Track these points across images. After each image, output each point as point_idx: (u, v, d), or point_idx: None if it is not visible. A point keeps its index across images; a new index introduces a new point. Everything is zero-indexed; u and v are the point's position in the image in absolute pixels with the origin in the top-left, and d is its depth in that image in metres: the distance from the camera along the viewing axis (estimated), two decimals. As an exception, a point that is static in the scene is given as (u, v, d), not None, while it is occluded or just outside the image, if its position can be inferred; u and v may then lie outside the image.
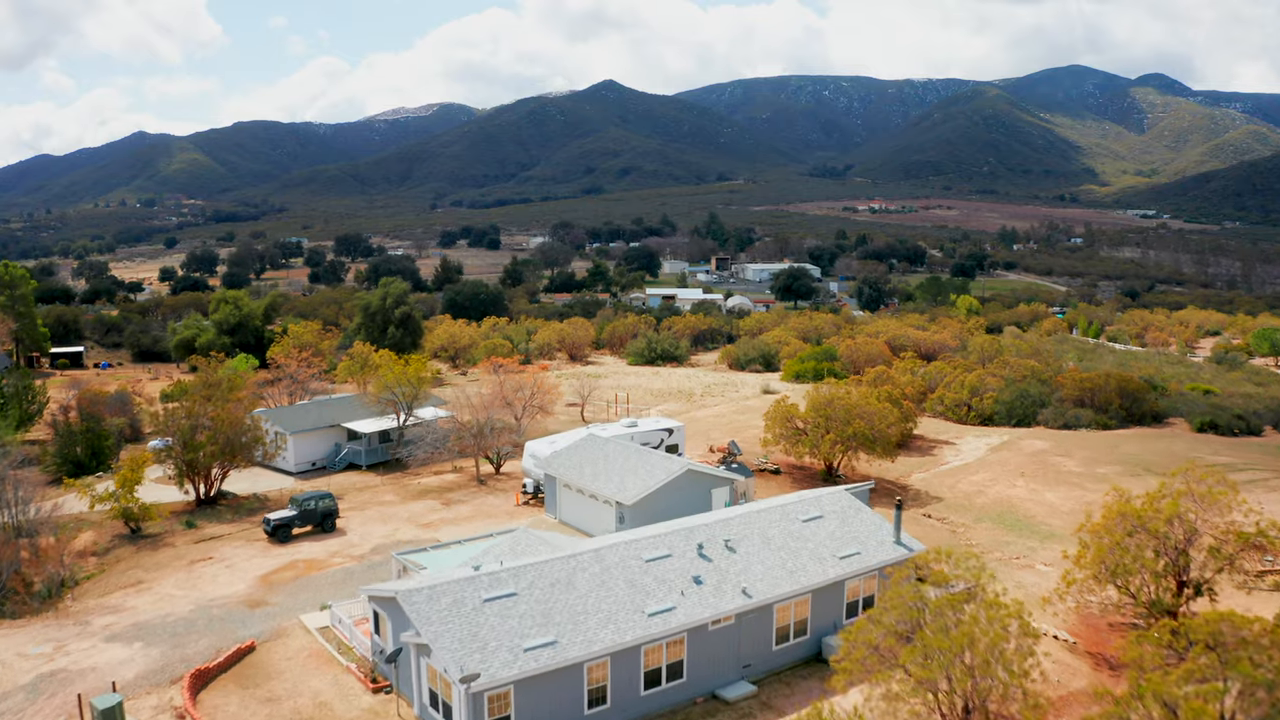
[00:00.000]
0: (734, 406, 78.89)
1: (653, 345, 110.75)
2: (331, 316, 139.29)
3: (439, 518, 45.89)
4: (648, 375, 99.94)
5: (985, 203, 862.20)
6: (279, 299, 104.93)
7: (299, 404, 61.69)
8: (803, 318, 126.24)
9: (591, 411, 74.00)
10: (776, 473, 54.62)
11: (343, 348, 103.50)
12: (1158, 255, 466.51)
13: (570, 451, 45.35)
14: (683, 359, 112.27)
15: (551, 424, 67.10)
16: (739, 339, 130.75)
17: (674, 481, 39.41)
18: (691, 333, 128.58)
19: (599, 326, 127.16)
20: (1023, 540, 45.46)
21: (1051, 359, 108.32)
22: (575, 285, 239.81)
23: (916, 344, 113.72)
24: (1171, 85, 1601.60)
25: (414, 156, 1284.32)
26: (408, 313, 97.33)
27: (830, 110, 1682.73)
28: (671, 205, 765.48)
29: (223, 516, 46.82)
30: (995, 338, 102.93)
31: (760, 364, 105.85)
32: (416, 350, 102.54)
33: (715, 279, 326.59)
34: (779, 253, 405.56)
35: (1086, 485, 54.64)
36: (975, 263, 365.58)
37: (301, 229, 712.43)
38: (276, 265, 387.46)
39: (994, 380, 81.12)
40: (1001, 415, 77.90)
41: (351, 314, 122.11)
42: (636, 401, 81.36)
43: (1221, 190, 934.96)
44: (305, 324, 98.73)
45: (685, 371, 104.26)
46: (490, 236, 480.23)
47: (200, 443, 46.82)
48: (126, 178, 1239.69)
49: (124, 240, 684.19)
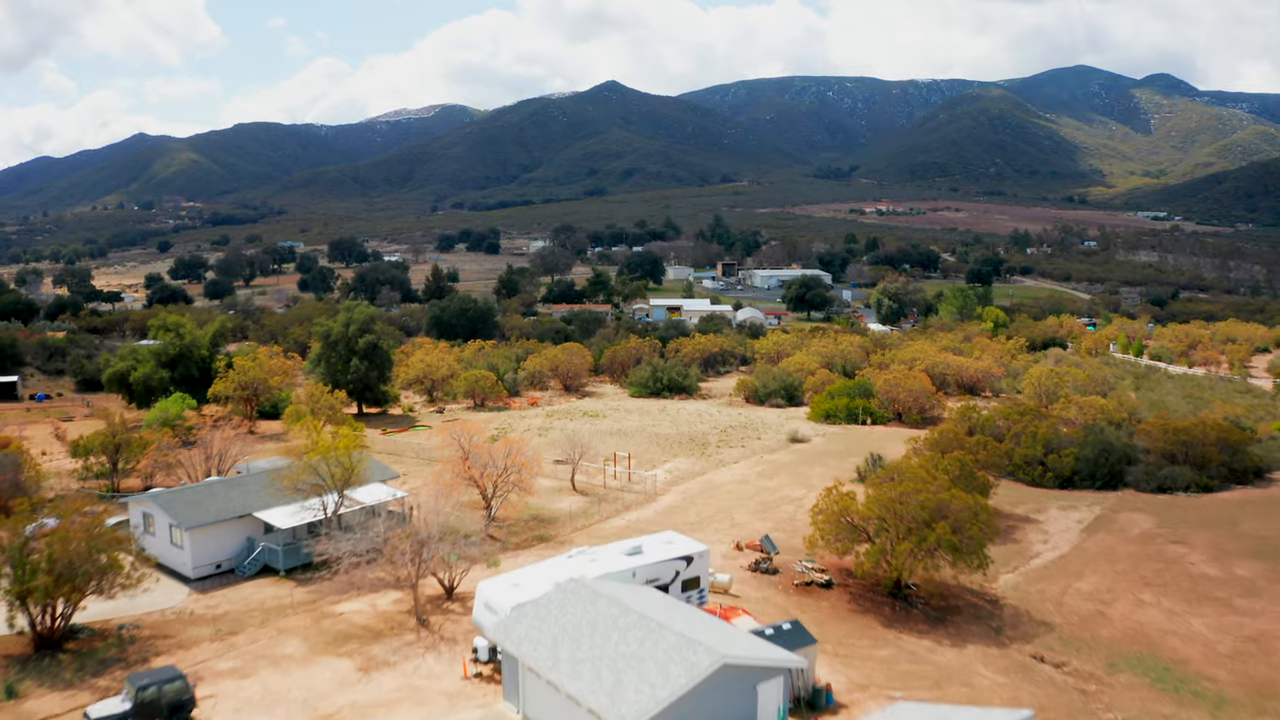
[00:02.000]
0: (758, 464, 65.36)
1: (658, 374, 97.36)
2: (303, 338, 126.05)
3: (347, 701, 31.53)
4: (653, 413, 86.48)
5: (994, 204, 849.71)
6: (228, 323, 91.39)
7: (204, 482, 48.34)
8: (826, 340, 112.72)
9: (584, 477, 60.47)
10: (828, 585, 41.15)
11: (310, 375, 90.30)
12: (1176, 259, 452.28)
13: (540, 613, 30.98)
14: (692, 390, 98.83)
15: (533, 499, 53.58)
16: (755, 362, 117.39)
17: (700, 687, 25.55)
18: (701, 357, 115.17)
19: (598, 350, 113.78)
20: (1189, 714, 32.04)
21: (1112, 390, 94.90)
22: (575, 295, 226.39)
23: (958, 373, 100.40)
24: (1177, 85, 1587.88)
25: (415, 158, 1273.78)
26: (374, 342, 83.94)
27: (834, 111, 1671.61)
28: (675, 207, 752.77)
29: (62, 674, 33.32)
30: (1054, 371, 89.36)
31: (782, 397, 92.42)
32: (386, 383, 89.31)
33: (722, 286, 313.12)
34: (787, 257, 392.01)
35: (1236, 603, 41.23)
36: (991, 268, 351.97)
37: (299, 232, 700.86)
38: (267, 271, 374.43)
39: (1069, 430, 67.51)
40: (1083, 475, 64.51)
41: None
42: (641, 455, 67.95)
43: (1233, 191, 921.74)
44: (257, 355, 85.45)
45: (696, 406, 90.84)
46: (489, 240, 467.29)
47: (35, 565, 33.56)
48: (126, 180, 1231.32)
49: (117, 244, 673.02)
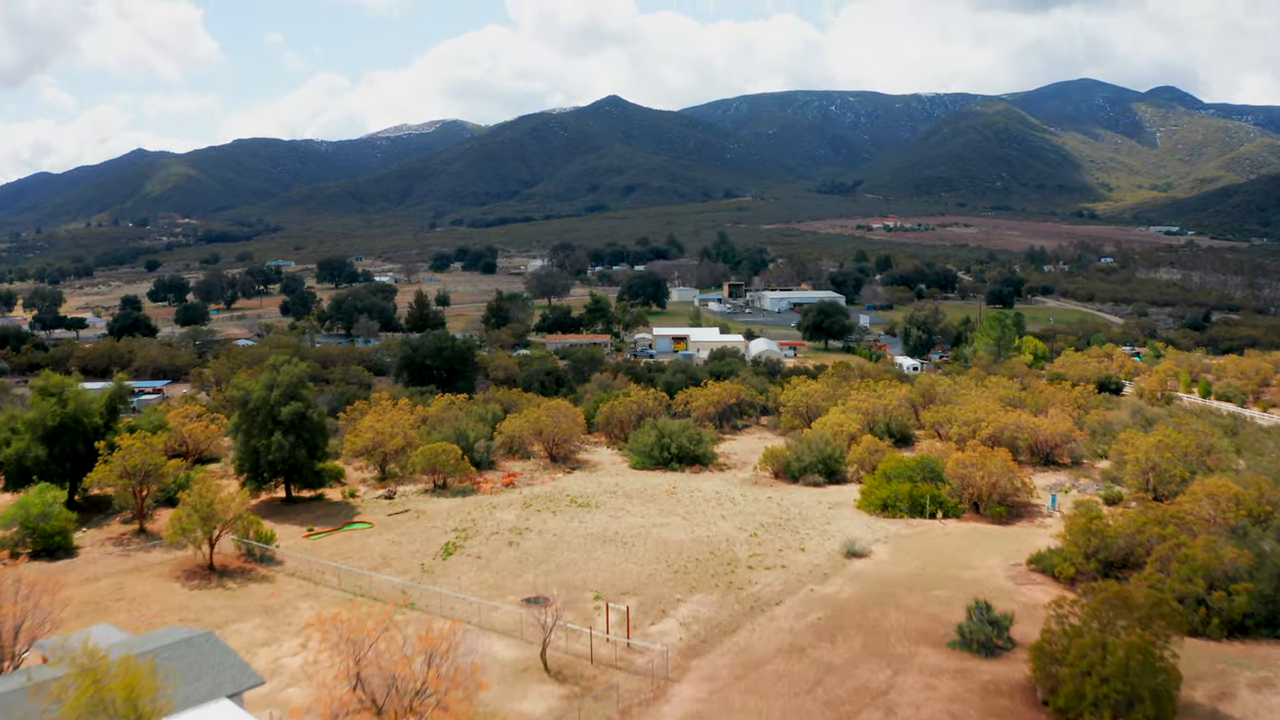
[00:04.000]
0: (809, 609, 46.63)
1: (665, 440, 79.06)
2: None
3: None
4: (660, 498, 68.13)
5: (1003, 219, 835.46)
6: (124, 390, 73.23)
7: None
8: (865, 392, 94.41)
9: (563, 640, 41.74)
10: None
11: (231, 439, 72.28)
12: (1202, 278, 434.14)
13: None
14: (707, 460, 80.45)
15: (483, 696, 34.91)
16: (779, 414, 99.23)
17: None
18: (716, 409, 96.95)
19: (592, 404, 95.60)
20: None
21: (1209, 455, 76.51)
22: (572, 323, 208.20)
23: (1032, 437, 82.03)
24: (1182, 98, 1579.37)
25: (415, 174, 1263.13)
26: (301, 412, 65.56)
27: (837, 125, 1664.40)
28: (678, 224, 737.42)
29: None
30: (1163, 442, 70.83)
31: (820, 472, 74.09)
32: (323, 458, 70.96)
33: (729, 309, 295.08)
34: (796, 277, 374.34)
35: None
36: (1012, 289, 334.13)
37: (293, 250, 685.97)
38: (251, 293, 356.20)
39: (1234, 553, 48.85)
40: (1259, 619, 46.17)
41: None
42: (645, 588, 49.55)
43: (1244, 205, 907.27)
44: (165, 421, 67.37)
45: (714, 484, 72.55)
46: (486, 260, 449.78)
47: None
48: (122, 196, 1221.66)
49: (106, 262, 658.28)
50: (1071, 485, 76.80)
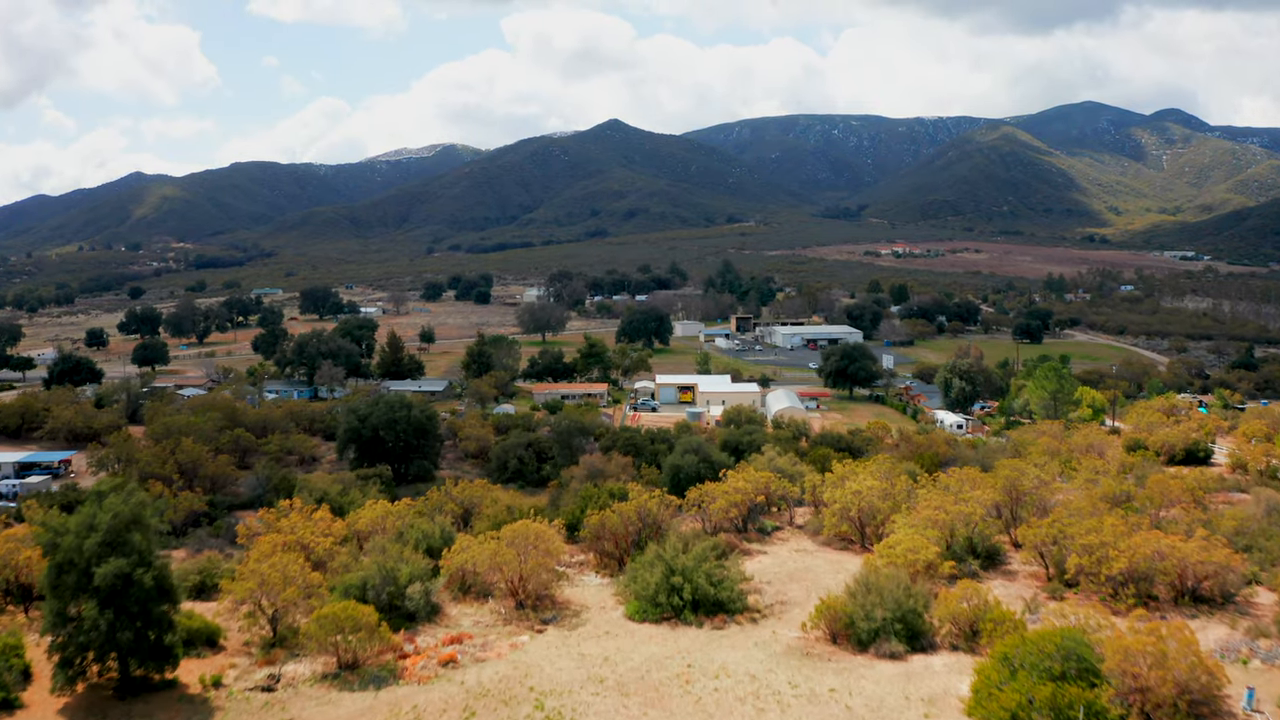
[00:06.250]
0: None
1: (676, 580, 56.73)
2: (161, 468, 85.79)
3: None
4: (670, 689, 45.69)
5: (1014, 245, 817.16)
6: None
7: None
8: (939, 494, 72.03)
9: None
10: None
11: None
12: (1233, 307, 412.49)
13: None
14: (735, 608, 57.92)
15: None
16: (821, 514, 77.14)
17: None
18: (741, 510, 74.69)
19: (578, 506, 73.37)
20: None
21: None
22: (564, 370, 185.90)
23: (1180, 566, 59.58)
24: (1186, 120, 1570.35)
25: (413, 198, 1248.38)
26: (125, 573, 43.31)
27: (840, 149, 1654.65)
28: (680, 249, 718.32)
29: None
30: None
31: (899, 635, 51.67)
32: (168, 631, 48.40)
33: (738, 345, 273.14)
34: (807, 308, 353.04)
35: None
36: (1039, 322, 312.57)
37: (284, 276, 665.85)
38: (225, 326, 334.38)
39: None
40: None
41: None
42: None
43: (1258, 229, 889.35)
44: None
45: (747, 660, 50.15)
46: (480, 289, 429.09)
47: None
48: (117, 220, 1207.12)
49: (90, 289, 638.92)
50: (1249, 650, 54.14)
